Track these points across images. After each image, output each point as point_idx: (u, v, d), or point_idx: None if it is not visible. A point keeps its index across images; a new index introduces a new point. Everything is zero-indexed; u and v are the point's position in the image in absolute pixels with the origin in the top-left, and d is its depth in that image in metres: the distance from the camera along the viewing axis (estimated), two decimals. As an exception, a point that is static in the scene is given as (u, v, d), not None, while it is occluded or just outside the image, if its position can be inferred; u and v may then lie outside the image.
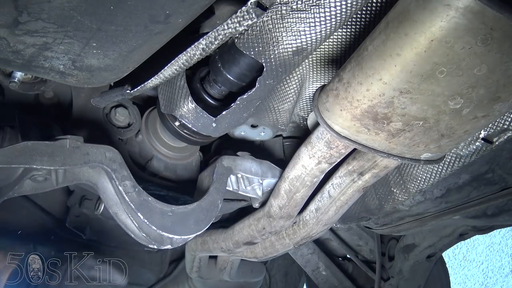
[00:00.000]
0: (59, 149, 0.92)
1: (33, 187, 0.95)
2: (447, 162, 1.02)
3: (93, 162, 0.95)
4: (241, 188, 1.17)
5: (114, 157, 0.98)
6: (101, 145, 0.98)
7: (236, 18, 0.74)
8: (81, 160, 0.94)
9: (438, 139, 0.74)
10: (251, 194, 1.19)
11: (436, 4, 0.54)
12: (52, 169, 0.93)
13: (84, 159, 0.95)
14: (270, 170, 1.20)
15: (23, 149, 0.89)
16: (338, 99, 0.74)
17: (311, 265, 2.02)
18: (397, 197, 1.17)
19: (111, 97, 0.98)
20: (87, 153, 0.95)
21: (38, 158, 0.89)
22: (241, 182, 1.17)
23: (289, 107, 1.17)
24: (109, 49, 0.74)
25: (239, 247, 1.35)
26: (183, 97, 0.97)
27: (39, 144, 0.91)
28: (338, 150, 0.88)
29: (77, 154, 0.94)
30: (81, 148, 0.95)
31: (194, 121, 0.99)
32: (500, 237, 3.97)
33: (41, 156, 0.90)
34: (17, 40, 0.68)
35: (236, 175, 1.16)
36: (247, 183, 1.17)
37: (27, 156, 0.88)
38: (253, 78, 0.93)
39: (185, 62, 0.82)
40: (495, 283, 3.96)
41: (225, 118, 0.99)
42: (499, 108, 0.66)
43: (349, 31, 0.95)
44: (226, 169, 1.14)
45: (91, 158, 0.96)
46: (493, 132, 0.93)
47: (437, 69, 0.59)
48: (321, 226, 1.19)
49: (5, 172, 0.90)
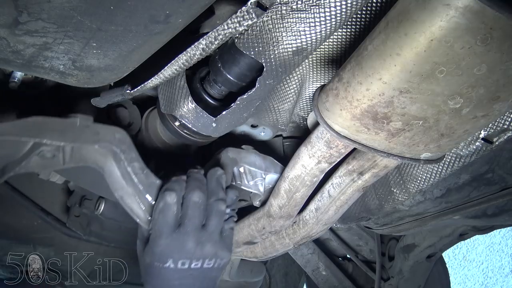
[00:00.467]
0: (69, 126, 0.91)
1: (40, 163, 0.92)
2: (447, 162, 1.02)
3: (102, 141, 0.94)
4: (244, 182, 1.15)
5: (123, 138, 0.97)
6: (110, 126, 0.97)
7: (236, 18, 0.74)
8: (91, 139, 0.93)
9: (438, 139, 0.74)
10: (253, 190, 1.17)
11: (435, 4, 0.54)
12: (61, 146, 0.91)
13: (94, 138, 0.94)
14: (273, 165, 1.19)
15: (34, 123, 0.87)
16: (338, 99, 0.74)
17: (311, 265, 2.02)
18: (397, 197, 1.17)
19: (111, 97, 0.98)
20: (97, 132, 0.94)
21: (49, 133, 0.88)
22: (243, 177, 1.15)
23: (289, 107, 1.17)
24: (109, 49, 0.74)
25: (239, 246, 1.36)
26: (183, 97, 0.98)
27: (50, 120, 0.90)
28: (338, 149, 0.88)
29: (87, 132, 0.93)
30: (91, 127, 0.94)
31: (194, 121, 0.99)
32: (500, 237, 3.97)
33: (51, 132, 0.88)
34: (17, 40, 0.68)
35: (240, 168, 1.13)
36: (250, 178, 1.15)
37: (37, 131, 0.87)
38: (253, 78, 0.93)
39: (185, 62, 0.82)
40: (495, 283, 3.96)
41: (225, 118, 0.99)
42: (499, 107, 0.66)
43: (349, 31, 0.95)
44: (231, 160, 1.12)
45: (101, 137, 0.94)
46: (493, 132, 0.93)
47: (437, 69, 0.59)
48: (321, 226, 1.19)
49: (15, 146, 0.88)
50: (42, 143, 0.88)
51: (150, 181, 0.97)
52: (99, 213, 1.44)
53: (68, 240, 1.59)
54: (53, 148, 0.91)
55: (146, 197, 0.96)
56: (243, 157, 1.14)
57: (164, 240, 0.89)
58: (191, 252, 0.90)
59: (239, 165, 1.13)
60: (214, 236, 0.93)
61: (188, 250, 0.90)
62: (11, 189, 1.44)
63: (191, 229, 0.90)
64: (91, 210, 1.45)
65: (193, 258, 0.91)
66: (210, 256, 0.93)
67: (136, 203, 0.96)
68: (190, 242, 0.90)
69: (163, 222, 0.89)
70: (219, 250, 0.94)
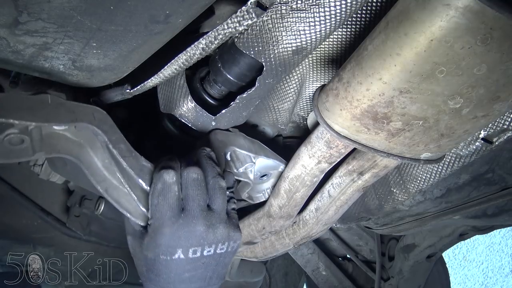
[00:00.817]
0: (39, 104, 0.76)
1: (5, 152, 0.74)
2: (447, 162, 1.02)
3: (80, 121, 0.79)
4: (233, 170, 1.06)
5: (104, 118, 0.82)
6: (87, 105, 0.82)
7: (236, 18, 0.74)
8: (67, 118, 0.78)
9: (438, 139, 0.74)
10: (243, 178, 1.10)
11: (435, 4, 0.54)
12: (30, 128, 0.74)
13: (71, 117, 0.78)
14: (262, 149, 1.10)
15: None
16: (338, 99, 0.74)
17: (311, 265, 2.02)
18: (397, 197, 1.17)
19: (111, 97, 0.98)
20: (73, 111, 0.79)
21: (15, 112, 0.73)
22: (231, 164, 1.06)
23: (289, 107, 1.17)
24: (109, 49, 0.74)
25: (239, 247, 1.36)
26: (183, 96, 0.98)
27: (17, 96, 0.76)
28: (338, 149, 0.88)
29: (61, 111, 0.78)
30: (65, 105, 0.79)
31: (194, 120, 0.99)
32: (500, 237, 3.97)
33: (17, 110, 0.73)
34: (17, 40, 0.68)
35: (227, 155, 1.04)
36: (239, 164, 1.05)
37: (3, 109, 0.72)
38: (253, 78, 0.93)
39: (184, 62, 0.83)
40: (495, 283, 3.96)
41: (224, 116, 0.99)
42: (498, 107, 0.66)
43: (349, 31, 0.95)
44: (220, 142, 1.01)
45: (77, 116, 0.79)
46: (493, 132, 0.93)
47: (437, 69, 0.59)
48: (321, 226, 1.19)
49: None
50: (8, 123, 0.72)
51: (141, 163, 0.83)
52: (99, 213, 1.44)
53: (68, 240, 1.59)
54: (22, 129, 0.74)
55: (140, 183, 0.82)
56: (232, 139, 1.04)
57: (170, 228, 0.77)
58: (203, 237, 0.79)
59: (228, 148, 1.03)
60: (223, 216, 0.83)
61: (199, 236, 0.79)
62: (11, 189, 1.44)
63: (198, 211, 0.79)
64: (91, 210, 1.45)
65: (205, 244, 0.80)
66: (223, 239, 0.82)
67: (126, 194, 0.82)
68: (200, 225, 0.78)
69: (165, 207, 0.78)
70: (231, 231, 0.83)
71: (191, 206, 0.79)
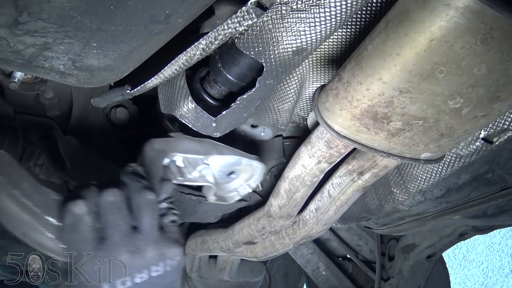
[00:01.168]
0: None
1: None
2: (447, 162, 1.02)
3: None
4: (187, 177, 0.99)
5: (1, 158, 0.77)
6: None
7: (236, 18, 0.74)
8: None
9: (438, 139, 0.74)
10: (201, 182, 1.02)
11: (435, 4, 0.54)
12: None
13: None
14: (214, 147, 1.01)
15: None
16: (338, 99, 0.74)
17: (311, 265, 2.02)
18: (397, 197, 1.17)
19: (111, 97, 0.98)
20: None
21: None
22: (184, 171, 0.98)
23: (289, 107, 1.17)
24: (109, 49, 0.74)
25: (239, 246, 1.36)
26: (183, 97, 0.97)
27: None
28: (338, 149, 0.88)
29: None
30: None
31: (194, 121, 0.99)
32: (500, 237, 3.97)
33: None
34: (17, 40, 0.68)
35: (176, 162, 0.96)
36: (191, 169, 0.98)
37: None
38: (253, 78, 0.93)
39: (185, 62, 0.82)
40: (495, 283, 3.96)
41: (225, 118, 0.99)
42: (498, 107, 0.66)
43: (349, 31, 0.95)
44: (157, 152, 0.93)
45: None
46: (493, 132, 0.93)
47: (437, 69, 0.59)
48: (321, 226, 1.19)
49: None
50: None
51: (48, 199, 0.76)
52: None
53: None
54: None
55: (48, 220, 0.74)
56: (173, 146, 0.97)
57: (88, 264, 0.69)
58: (130, 265, 0.70)
59: (170, 156, 0.95)
60: (153, 235, 0.74)
61: (125, 264, 0.70)
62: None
63: (119, 237, 0.71)
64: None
65: (134, 272, 0.71)
66: (156, 261, 0.73)
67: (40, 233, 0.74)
68: (124, 253, 0.70)
69: (79, 242, 0.71)
70: (166, 248, 0.75)
71: (111, 234, 0.71)
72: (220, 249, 1.43)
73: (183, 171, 0.98)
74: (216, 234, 1.43)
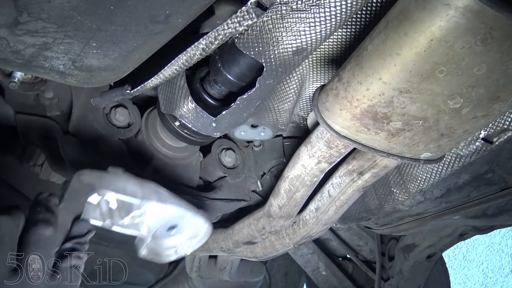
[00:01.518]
0: None
1: None
2: (447, 162, 1.02)
3: None
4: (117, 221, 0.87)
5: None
6: None
7: (236, 18, 0.74)
8: None
9: (438, 139, 0.74)
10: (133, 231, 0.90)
11: (435, 4, 0.54)
12: None
13: None
14: (155, 192, 0.90)
15: None
16: (338, 99, 0.74)
17: (311, 265, 2.02)
18: (397, 197, 1.17)
19: (111, 97, 0.98)
20: None
21: None
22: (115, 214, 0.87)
23: (289, 107, 1.17)
24: (109, 49, 0.74)
25: (239, 246, 1.36)
26: (183, 97, 0.97)
27: None
28: (337, 149, 0.88)
29: None
30: None
31: (194, 121, 0.99)
32: (500, 237, 3.97)
33: None
34: (17, 40, 0.68)
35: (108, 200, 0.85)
36: (123, 213, 0.87)
37: None
38: (253, 78, 0.93)
39: (185, 62, 0.82)
40: (495, 283, 3.96)
41: (225, 118, 0.99)
42: (498, 107, 0.66)
43: (349, 31, 0.95)
44: (85, 185, 0.82)
45: None
46: (493, 132, 0.93)
47: (437, 69, 0.59)
48: (321, 226, 1.19)
49: None
50: None
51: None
52: (99, 213, 1.43)
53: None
54: None
55: None
56: (107, 182, 0.85)
57: None
58: None
59: (100, 192, 0.84)
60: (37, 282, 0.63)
61: None
62: (11, 189, 1.44)
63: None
64: (91, 210, 1.44)
65: None
66: None
67: None
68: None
69: None
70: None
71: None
72: (220, 249, 1.43)
73: (114, 216, 0.87)
74: (216, 234, 1.43)
